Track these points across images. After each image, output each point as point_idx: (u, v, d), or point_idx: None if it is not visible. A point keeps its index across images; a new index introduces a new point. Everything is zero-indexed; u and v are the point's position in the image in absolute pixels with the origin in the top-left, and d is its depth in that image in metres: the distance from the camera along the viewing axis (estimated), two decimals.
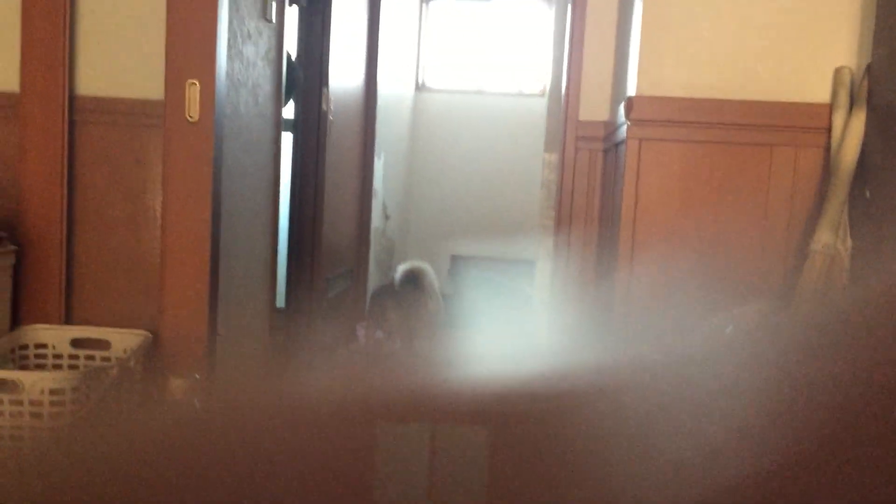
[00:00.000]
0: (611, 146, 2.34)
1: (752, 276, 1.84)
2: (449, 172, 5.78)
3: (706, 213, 1.86)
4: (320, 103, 3.78)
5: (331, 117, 3.83)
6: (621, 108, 1.98)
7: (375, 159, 4.72)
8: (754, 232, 1.84)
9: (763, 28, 1.85)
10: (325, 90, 3.79)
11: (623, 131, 1.95)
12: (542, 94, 5.64)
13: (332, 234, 4.00)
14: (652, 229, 1.87)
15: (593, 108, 2.54)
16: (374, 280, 4.71)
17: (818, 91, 1.84)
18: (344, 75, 4.08)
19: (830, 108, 1.81)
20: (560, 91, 2.85)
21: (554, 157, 3.06)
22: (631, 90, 1.92)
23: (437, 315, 3.86)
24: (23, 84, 2.36)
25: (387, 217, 5.18)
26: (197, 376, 1.18)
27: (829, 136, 1.80)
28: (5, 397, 1.97)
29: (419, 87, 5.91)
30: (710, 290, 1.85)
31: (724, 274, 1.85)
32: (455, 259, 5.79)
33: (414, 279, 3.78)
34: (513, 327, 4.46)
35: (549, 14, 5.66)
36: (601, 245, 2.46)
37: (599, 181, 2.52)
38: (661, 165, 1.86)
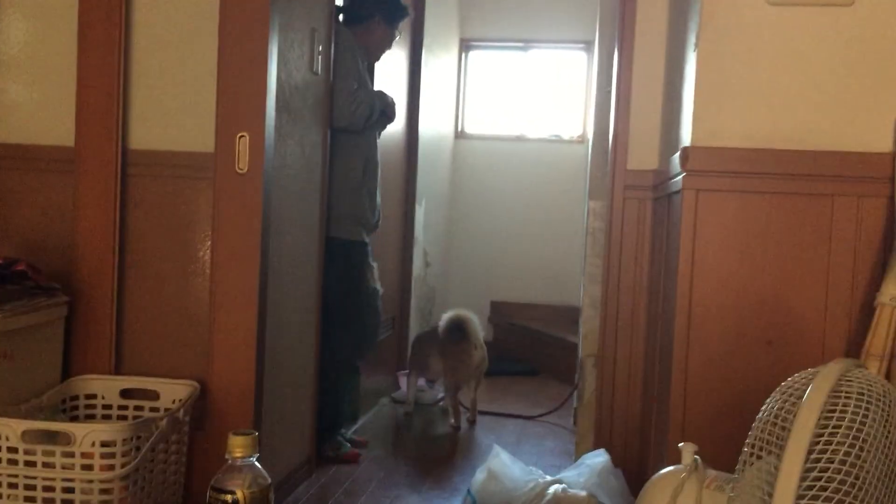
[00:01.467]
0: (662, 196, 2.31)
1: (817, 332, 1.79)
2: (489, 218, 5.79)
3: (767, 265, 1.82)
4: None
5: None
6: (675, 158, 1.96)
7: (416, 206, 4.73)
8: (818, 286, 1.79)
9: (822, 76, 1.82)
10: None
11: (678, 182, 1.92)
12: (581, 141, 5.64)
13: None
14: (709, 283, 1.84)
15: (641, 156, 2.52)
16: (415, 328, 4.69)
17: (880, 140, 1.80)
18: None
19: (893, 157, 1.78)
20: (605, 139, 2.84)
21: (599, 205, 3.04)
22: (686, 140, 1.90)
23: (482, 365, 3.82)
24: (77, 139, 2.40)
25: (427, 264, 5.18)
26: (256, 433, 1.17)
27: (893, 186, 1.77)
28: (57, 449, 1.97)
29: (459, 135, 5.95)
30: (774, 347, 1.80)
31: (786, 330, 1.81)
32: (495, 305, 5.76)
33: (459, 328, 3.75)
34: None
35: (586, 61, 5.68)
36: (652, 294, 2.43)
37: (649, 229, 2.49)
38: (717, 217, 1.83)
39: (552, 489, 2.02)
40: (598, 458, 2.16)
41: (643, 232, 2.51)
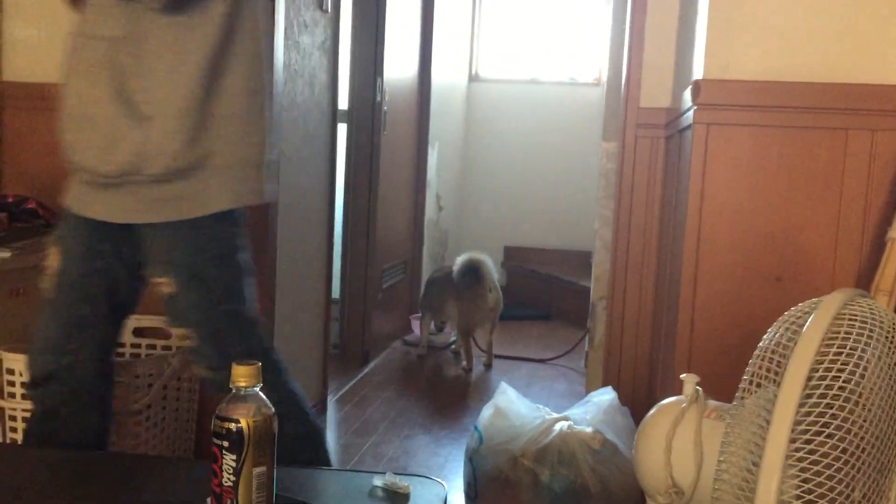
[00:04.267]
0: (674, 133, 2.28)
1: (827, 269, 1.77)
2: (503, 162, 5.74)
3: (777, 201, 1.79)
4: (374, 94, 3.78)
5: (385, 108, 3.82)
6: (686, 93, 1.93)
7: (429, 150, 4.70)
8: (828, 221, 1.77)
9: (836, 6, 1.77)
10: (379, 80, 3.78)
11: (689, 116, 1.89)
12: (597, 83, 5.56)
13: (385, 225, 4.00)
14: (719, 217, 1.81)
15: (654, 94, 2.48)
16: (427, 271, 4.70)
17: (895, 71, 1.76)
18: (398, 65, 4.07)
19: None
20: (619, 78, 2.79)
21: (612, 146, 3.00)
22: (698, 73, 1.86)
23: (496, 308, 3.83)
24: None
25: (440, 208, 5.16)
26: (259, 363, 1.17)
27: None
28: None
29: (473, 78, 5.88)
30: (783, 283, 1.79)
31: (796, 266, 1.79)
32: (509, 250, 5.75)
33: (474, 271, 3.75)
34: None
35: (603, 2, 5.58)
36: (663, 234, 2.41)
37: (661, 169, 2.46)
38: (729, 151, 1.80)
39: (558, 426, 2.03)
40: (605, 396, 2.16)
41: (655, 171, 2.48)
